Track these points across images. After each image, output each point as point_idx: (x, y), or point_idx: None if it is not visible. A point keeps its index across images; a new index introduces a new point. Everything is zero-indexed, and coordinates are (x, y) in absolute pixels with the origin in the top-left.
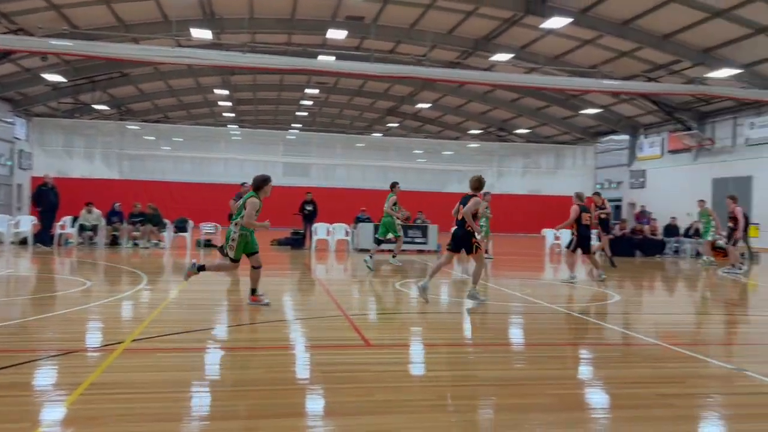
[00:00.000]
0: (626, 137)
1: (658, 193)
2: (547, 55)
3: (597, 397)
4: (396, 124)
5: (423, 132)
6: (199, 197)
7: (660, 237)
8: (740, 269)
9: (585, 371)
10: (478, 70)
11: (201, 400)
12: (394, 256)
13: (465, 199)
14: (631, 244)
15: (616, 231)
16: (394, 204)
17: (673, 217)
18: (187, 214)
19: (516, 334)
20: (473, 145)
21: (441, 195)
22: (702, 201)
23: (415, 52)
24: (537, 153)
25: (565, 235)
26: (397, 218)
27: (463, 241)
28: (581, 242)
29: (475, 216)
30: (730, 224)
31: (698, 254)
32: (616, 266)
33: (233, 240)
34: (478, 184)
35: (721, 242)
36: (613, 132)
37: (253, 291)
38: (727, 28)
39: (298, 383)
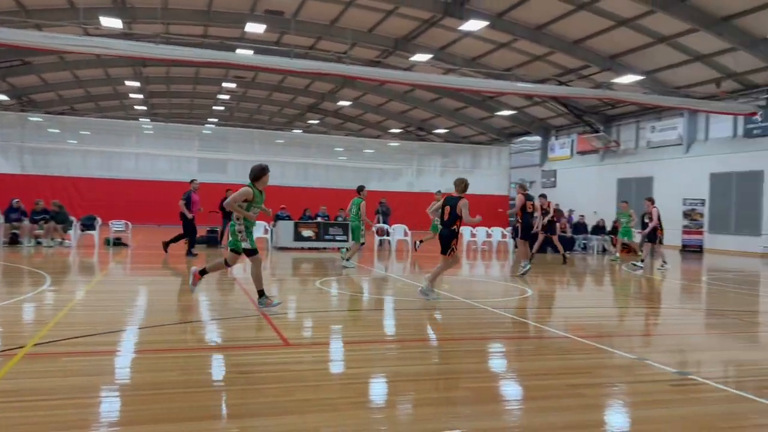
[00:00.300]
0: (538, 138)
1: (567, 192)
2: (465, 56)
3: (511, 389)
4: (317, 121)
5: (344, 130)
6: (109, 194)
7: (569, 234)
8: (641, 266)
9: (499, 364)
10: (399, 69)
11: (111, 406)
12: (347, 259)
13: (452, 201)
14: (544, 241)
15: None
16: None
17: (582, 215)
18: (95, 211)
19: (435, 330)
20: (394, 143)
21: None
22: (625, 202)
23: (336, 49)
24: (455, 153)
25: (481, 233)
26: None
27: (446, 241)
28: (524, 229)
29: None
30: (650, 223)
31: (604, 250)
32: (566, 263)
33: (240, 231)
34: (465, 186)
35: (632, 240)
36: (527, 133)
37: (203, 271)
38: (632, 37)
39: (214, 385)
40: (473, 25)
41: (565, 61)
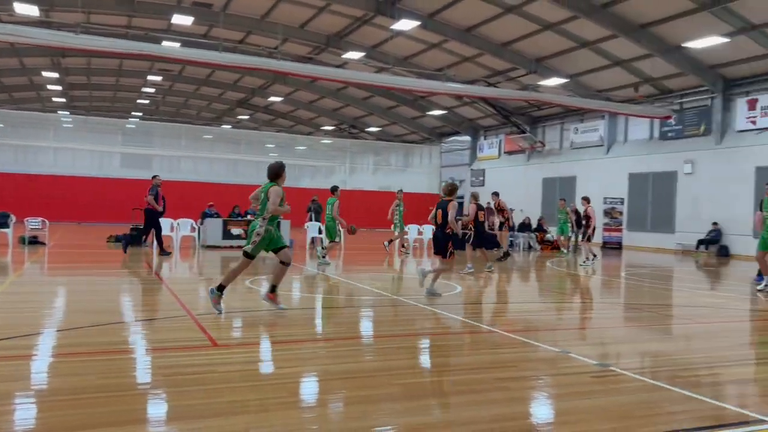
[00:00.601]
0: (468, 138)
1: (495, 190)
2: (397, 55)
3: (440, 384)
4: (247, 117)
5: (275, 126)
6: (24, 190)
7: (497, 231)
8: (593, 260)
9: (429, 360)
10: (331, 66)
11: (27, 413)
12: (323, 257)
13: (444, 204)
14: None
15: (459, 226)
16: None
17: (522, 210)
18: (9, 208)
19: (366, 327)
20: (326, 141)
21: (294, 190)
22: (563, 200)
23: (267, 44)
24: (387, 151)
25: (413, 231)
26: (342, 226)
27: (441, 243)
28: (476, 236)
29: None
30: (584, 222)
31: (530, 247)
32: (505, 260)
33: (258, 234)
34: (453, 189)
35: (551, 237)
36: (457, 133)
37: (273, 288)
38: (557, 41)
39: (138, 389)
40: (405, 24)
41: (494, 63)
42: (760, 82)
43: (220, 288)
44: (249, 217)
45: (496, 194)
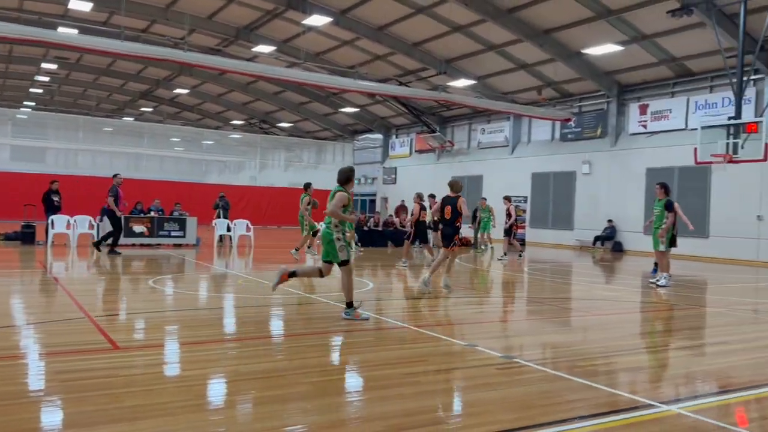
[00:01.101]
0: (380, 136)
1: (406, 188)
2: (309, 51)
3: (351, 381)
4: (150, 109)
5: (181, 119)
6: None
7: (409, 229)
8: (521, 255)
9: (341, 357)
10: (240, 59)
11: None
12: (296, 249)
13: (452, 200)
14: (384, 235)
15: (371, 224)
16: (308, 204)
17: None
18: None
19: (276, 326)
20: (235, 135)
21: (200, 186)
22: (484, 199)
23: (173, 34)
24: (299, 147)
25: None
26: (309, 220)
27: (450, 238)
28: (418, 235)
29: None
30: (507, 220)
31: (474, 244)
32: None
33: (338, 240)
34: (460, 188)
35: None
36: (369, 131)
37: (293, 273)
38: (465, 43)
39: (31, 395)
40: (317, 20)
41: (405, 62)
42: (650, 88)
43: (350, 305)
44: (152, 213)
45: (432, 196)
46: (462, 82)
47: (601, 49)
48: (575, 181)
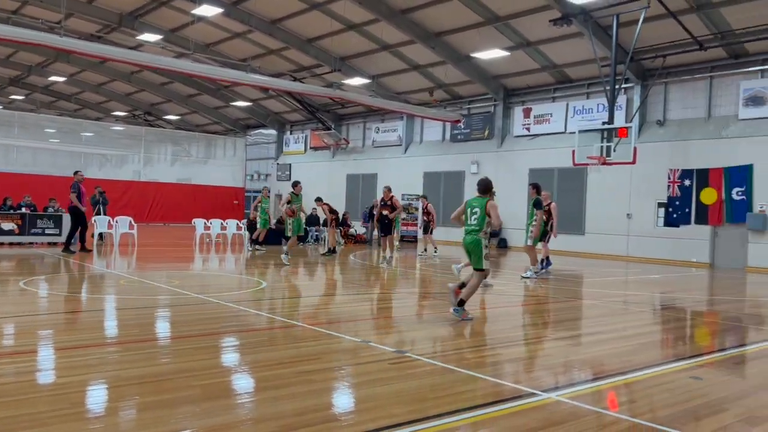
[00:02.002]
0: (274, 132)
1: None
2: (199, 42)
3: (242, 382)
4: (22, 97)
5: (57, 109)
6: None
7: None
8: (435, 253)
9: (231, 358)
10: (123, 47)
11: None
12: (286, 253)
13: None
14: (277, 233)
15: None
16: (289, 202)
17: (315, 208)
18: None
19: (162, 328)
20: (118, 127)
21: None
22: (423, 197)
23: (48, 17)
24: (188, 141)
25: (215, 226)
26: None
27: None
28: (382, 228)
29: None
30: (425, 218)
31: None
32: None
33: (486, 247)
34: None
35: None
36: (263, 126)
37: (462, 285)
38: (360, 41)
39: None
40: (207, 10)
41: (300, 57)
42: (533, 93)
43: (462, 303)
44: (23, 209)
45: (387, 188)
46: (357, 81)
47: (489, 54)
48: (464, 181)
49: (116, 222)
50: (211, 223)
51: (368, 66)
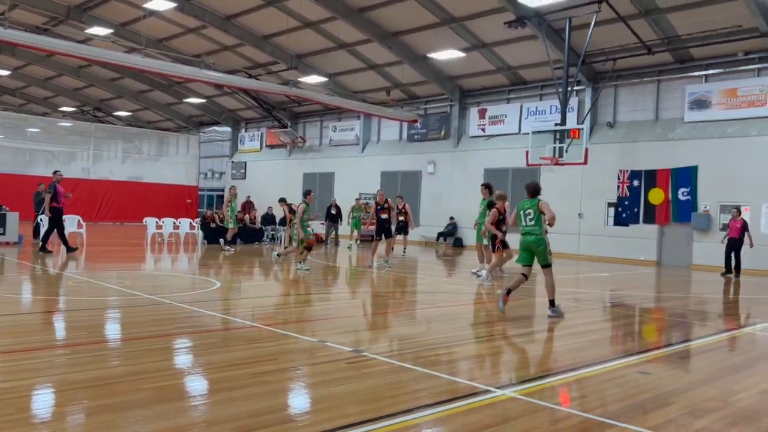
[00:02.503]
0: (228, 129)
1: (257, 184)
2: (150, 36)
3: (196, 384)
4: None
5: (1, 104)
6: None
7: (258, 225)
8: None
9: (184, 360)
10: (71, 41)
11: None
12: (279, 255)
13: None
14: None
15: (217, 220)
16: (304, 213)
17: (270, 207)
18: None
19: (112, 330)
20: (65, 123)
21: (23, 178)
22: (358, 199)
23: None
24: (139, 138)
25: (168, 225)
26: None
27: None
28: (381, 230)
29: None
30: (401, 218)
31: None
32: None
33: (548, 244)
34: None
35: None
36: (217, 123)
37: (509, 291)
38: (317, 39)
39: None
40: (159, 4)
41: (255, 54)
42: (489, 94)
43: (552, 303)
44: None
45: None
46: (313, 79)
47: (445, 55)
48: (421, 180)
49: (64, 221)
50: (163, 222)
51: (325, 64)
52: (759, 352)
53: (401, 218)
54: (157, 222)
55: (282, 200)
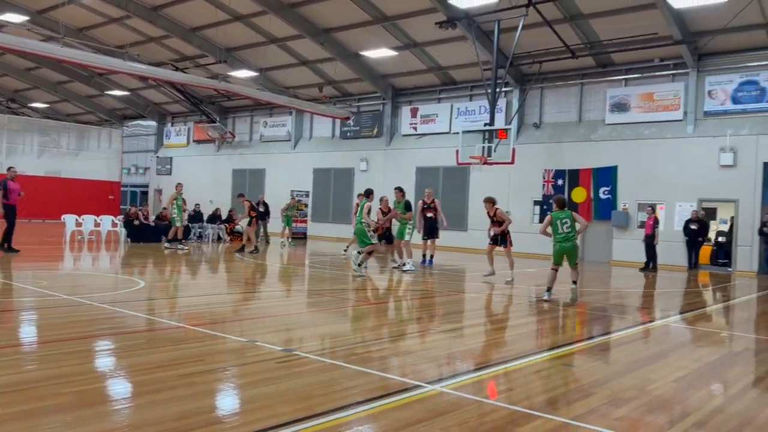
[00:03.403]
0: (154, 123)
1: (183, 180)
2: (70, 25)
3: (119, 388)
4: None
5: None
6: None
7: (186, 223)
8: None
9: (106, 363)
10: None
11: None
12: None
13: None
14: (157, 230)
15: (141, 217)
16: (369, 212)
17: (198, 204)
18: None
19: (28, 333)
20: None
21: None
22: (293, 198)
23: None
24: (57, 131)
25: (88, 222)
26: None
27: (500, 236)
28: (429, 230)
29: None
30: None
31: (219, 238)
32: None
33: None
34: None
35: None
36: (141, 117)
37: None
38: (247, 33)
39: None
40: None
41: (182, 47)
42: (420, 93)
43: (575, 282)
44: None
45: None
46: (244, 73)
47: (378, 53)
48: (354, 177)
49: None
50: (83, 219)
51: (255, 59)
52: (672, 343)
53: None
54: (76, 219)
55: (241, 195)
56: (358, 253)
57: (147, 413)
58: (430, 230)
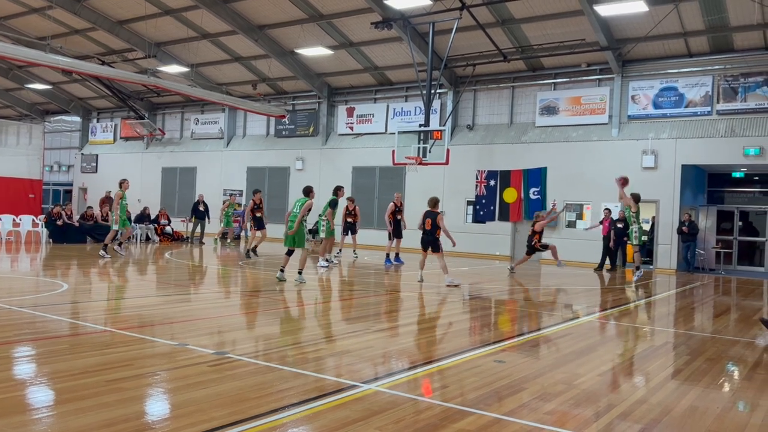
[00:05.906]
0: (78, 119)
1: (110, 178)
2: None
3: (40, 395)
4: None
5: None
6: None
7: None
8: (337, 255)
9: (27, 369)
10: None
11: None
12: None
13: (432, 214)
14: (81, 230)
15: (64, 217)
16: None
17: (139, 200)
18: None
19: None
20: None
21: None
22: (232, 195)
23: None
24: None
25: (7, 221)
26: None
27: (434, 243)
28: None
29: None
30: (350, 219)
31: (147, 238)
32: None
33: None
34: (437, 202)
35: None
36: (65, 112)
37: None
38: (178, 28)
39: None
40: None
41: (109, 40)
42: (356, 93)
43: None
44: None
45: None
46: (174, 68)
47: (313, 51)
48: (289, 177)
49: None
50: (1, 219)
51: (187, 54)
52: (598, 338)
53: (350, 219)
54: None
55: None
56: (299, 272)
57: (72, 421)
58: (398, 231)
